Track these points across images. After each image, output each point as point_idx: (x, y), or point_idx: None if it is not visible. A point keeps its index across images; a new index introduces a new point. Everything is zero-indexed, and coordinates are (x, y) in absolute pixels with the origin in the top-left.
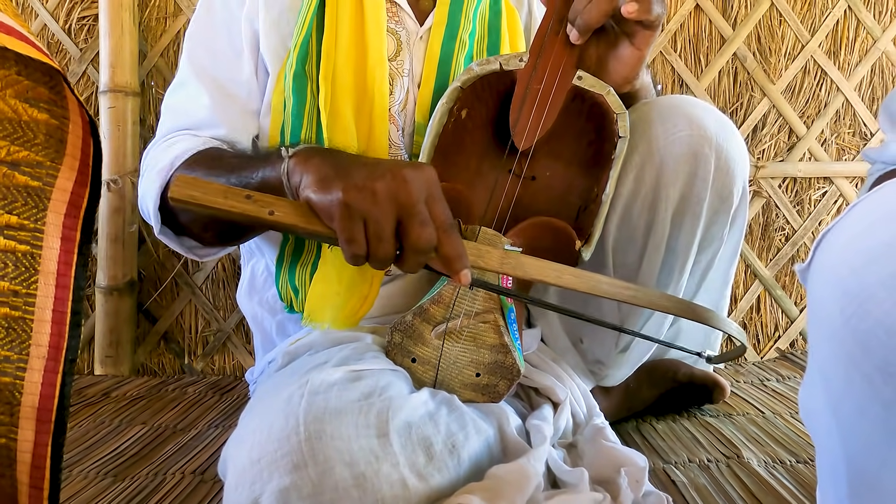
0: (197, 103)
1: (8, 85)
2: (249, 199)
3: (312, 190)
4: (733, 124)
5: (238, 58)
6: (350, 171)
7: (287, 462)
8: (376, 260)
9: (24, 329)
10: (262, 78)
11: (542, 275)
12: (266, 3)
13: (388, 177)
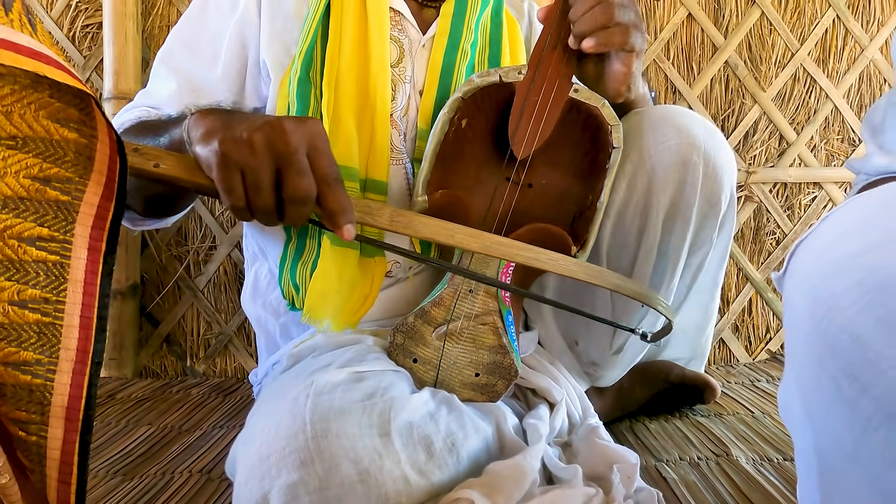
0: (164, 89)
1: (41, 107)
2: (136, 153)
3: (197, 142)
4: (721, 133)
5: (214, 60)
6: (233, 124)
7: (295, 459)
8: (258, 211)
9: (54, 334)
10: (254, 83)
11: (434, 234)
12: (269, 12)
13: (266, 128)
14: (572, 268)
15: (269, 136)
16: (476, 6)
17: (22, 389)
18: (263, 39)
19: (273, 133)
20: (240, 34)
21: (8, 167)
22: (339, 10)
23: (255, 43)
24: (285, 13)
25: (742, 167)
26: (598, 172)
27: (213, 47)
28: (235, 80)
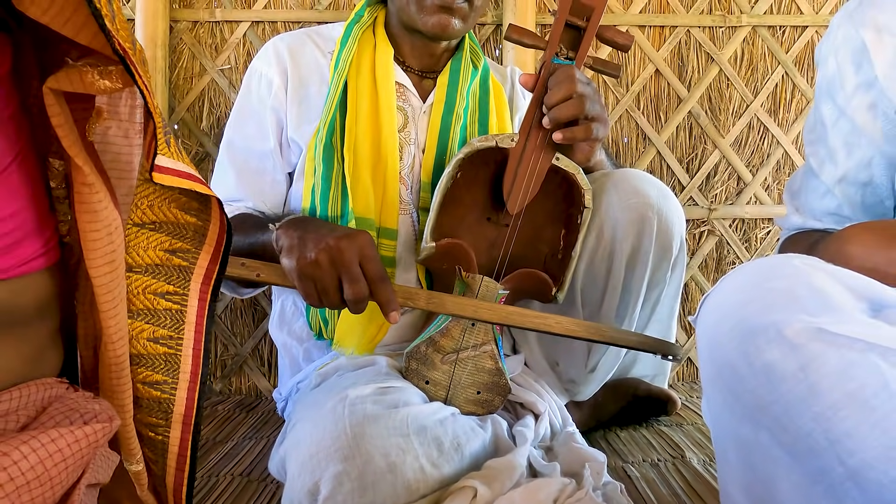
0: (224, 181)
1: (172, 200)
2: (243, 266)
3: (283, 256)
4: (672, 193)
5: (264, 138)
6: (306, 242)
7: (339, 454)
8: (328, 306)
9: (175, 361)
10: (286, 153)
11: (461, 310)
12: (296, 99)
13: (327, 247)
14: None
15: (330, 255)
16: (467, 77)
17: (153, 402)
18: (291, 121)
19: (333, 251)
20: (276, 115)
21: (149, 243)
22: (355, 88)
23: (284, 122)
24: (309, 97)
25: (704, 205)
26: (572, 224)
27: (261, 127)
28: (281, 152)
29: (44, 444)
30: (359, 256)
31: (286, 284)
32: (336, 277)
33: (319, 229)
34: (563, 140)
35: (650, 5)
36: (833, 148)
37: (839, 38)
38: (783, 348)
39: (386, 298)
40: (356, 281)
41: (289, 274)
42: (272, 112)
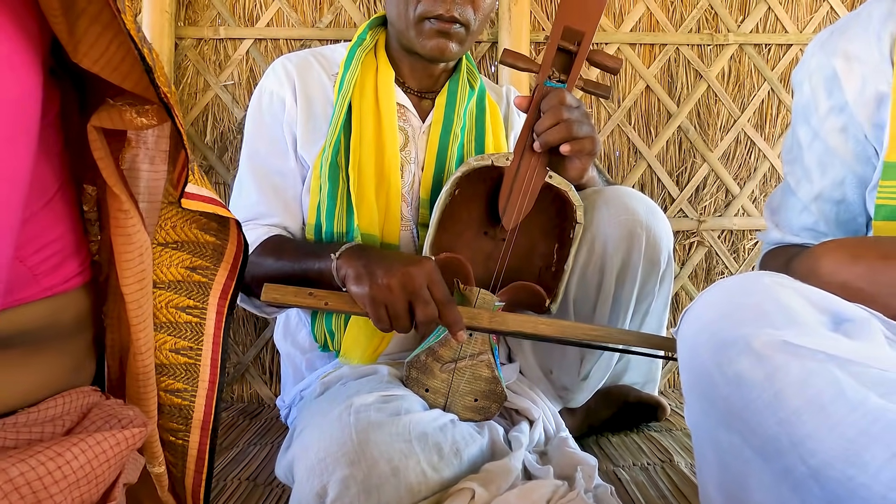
0: (248, 198)
1: (193, 221)
2: (312, 296)
3: (352, 284)
4: (660, 210)
5: (284, 154)
6: (375, 270)
7: (345, 459)
8: (398, 329)
9: (195, 371)
10: (300, 169)
11: (522, 327)
12: (305, 116)
13: (398, 274)
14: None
15: (401, 280)
16: (464, 97)
17: (174, 408)
18: (300, 135)
19: (404, 277)
20: (290, 131)
21: (172, 261)
22: (359, 109)
23: (296, 139)
24: (316, 116)
25: (694, 217)
26: (564, 238)
27: (278, 145)
28: (300, 167)
29: (91, 445)
30: (427, 280)
31: (355, 311)
32: (407, 302)
33: (385, 258)
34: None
35: (640, 24)
36: (808, 168)
37: (812, 66)
38: (751, 359)
39: (453, 320)
40: (427, 304)
41: (359, 300)
42: (287, 128)
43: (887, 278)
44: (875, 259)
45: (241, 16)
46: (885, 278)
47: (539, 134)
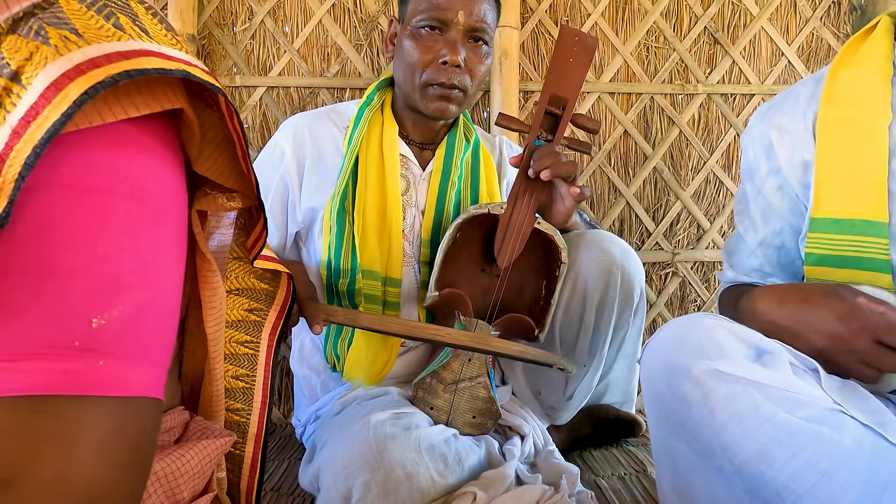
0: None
1: (251, 272)
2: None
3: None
4: (633, 251)
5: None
6: None
7: (367, 466)
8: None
9: (250, 393)
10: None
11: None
12: (314, 169)
13: None
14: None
15: None
16: (461, 148)
17: (234, 424)
18: (307, 188)
19: None
20: (283, 183)
21: (234, 305)
22: (365, 161)
23: (290, 188)
24: (325, 168)
25: (669, 249)
26: (552, 276)
27: (265, 187)
28: (278, 216)
29: (200, 450)
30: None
31: None
32: None
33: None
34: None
35: (619, 75)
36: (754, 218)
37: (755, 133)
38: (692, 383)
39: (310, 314)
40: None
41: None
42: (279, 178)
43: (805, 318)
44: (797, 303)
45: (256, 66)
46: (804, 318)
47: (540, 170)
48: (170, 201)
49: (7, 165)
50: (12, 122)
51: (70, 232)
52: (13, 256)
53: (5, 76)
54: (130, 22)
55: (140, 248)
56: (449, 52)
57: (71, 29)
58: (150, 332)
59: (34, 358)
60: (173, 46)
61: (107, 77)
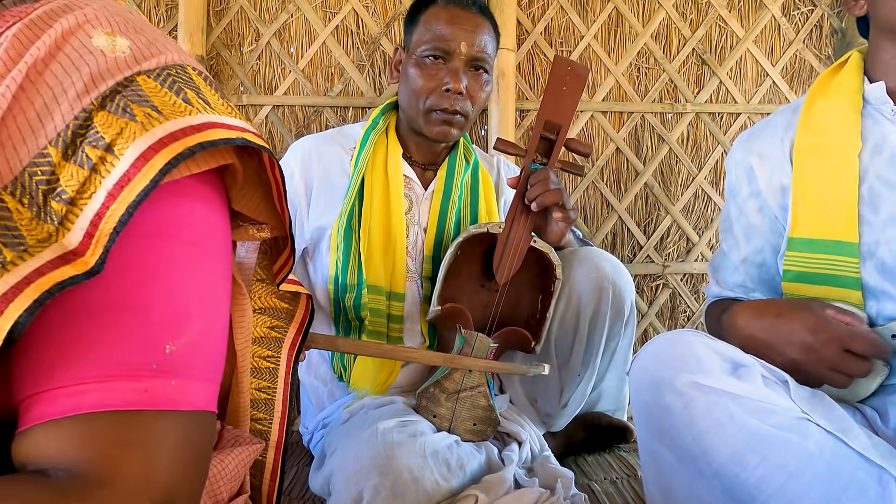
0: None
1: (273, 293)
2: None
3: None
4: (624, 267)
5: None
6: None
7: (376, 470)
8: None
9: (272, 404)
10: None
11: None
12: (323, 190)
13: None
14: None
15: None
16: (461, 169)
17: (256, 433)
18: (317, 207)
19: None
20: (291, 202)
21: (257, 323)
22: (371, 182)
23: (302, 210)
24: (333, 188)
25: (659, 262)
26: (547, 291)
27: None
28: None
29: (236, 455)
30: None
31: None
32: None
33: None
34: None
35: (611, 95)
36: (737, 237)
37: (737, 158)
38: (674, 394)
39: None
40: None
41: None
42: (290, 204)
43: (779, 330)
44: (772, 317)
45: (262, 85)
46: (779, 330)
47: (532, 199)
48: (219, 241)
49: (104, 222)
50: (108, 185)
51: (145, 272)
52: (100, 293)
53: (101, 147)
54: (195, 95)
55: (199, 284)
56: (452, 80)
57: (151, 106)
58: (209, 354)
59: (121, 379)
60: (229, 114)
61: (185, 149)
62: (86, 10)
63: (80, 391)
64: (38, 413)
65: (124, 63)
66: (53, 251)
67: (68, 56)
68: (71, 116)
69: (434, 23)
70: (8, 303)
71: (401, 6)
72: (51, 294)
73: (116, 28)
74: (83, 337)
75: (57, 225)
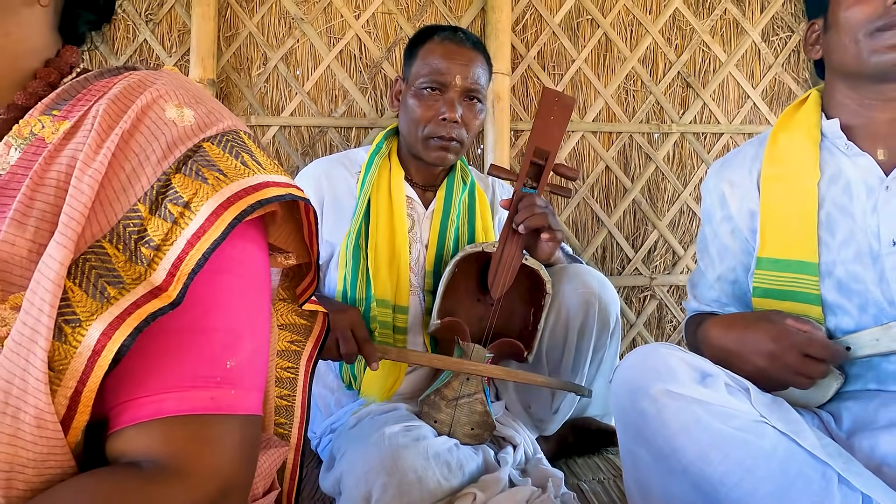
0: None
1: (293, 311)
2: None
3: None
4: (609, 283)
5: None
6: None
7: (384, 471)
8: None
9: (292, 410)
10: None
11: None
12: (334, 210)
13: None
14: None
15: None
16: (459, 189)
17: (279, 436)
18: (327, 226)
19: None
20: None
21: (280, 337)
22: (376, 203)
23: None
24: (342, 209)
25: (647, 274)
26: (538, 305)
27: None
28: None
29: (269, 456)
30: (349, 325)
31: None
32: (334, 339)
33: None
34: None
35: (600, 116)
36: (712, 256)
37: (711, 185)
38: (648, 400)
39: (368, 353)
40: (347, 341)
41: None
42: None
43: (746, 341)
44: (740, 329)
45: (269, 107)
46: (745, 341)
47: (520, 223)
48: (263, 273)
49: (184, 264)
50: (187, 235)
51: (210, 303)
52: (176, 320)
53: (181, 205)
54: (249, 157)
55: (250, 310)
56: (448, 110)
57: (218, 170)
58: (257, 368)
59: (193, 389)
60: (275, 171)
61: (248, 206)
62: (157, 85)
63: (161, 399)
64: (128, 417)
65: (191, 131)
66: (144, 287)
67: (148, 127)
68: (154, 179)
69: (431, 57)
70: (115, 330)
71: (401, 32)
72: (147, 322)
73: (182, 100)
74: (163, 355)
75: (146, 266)
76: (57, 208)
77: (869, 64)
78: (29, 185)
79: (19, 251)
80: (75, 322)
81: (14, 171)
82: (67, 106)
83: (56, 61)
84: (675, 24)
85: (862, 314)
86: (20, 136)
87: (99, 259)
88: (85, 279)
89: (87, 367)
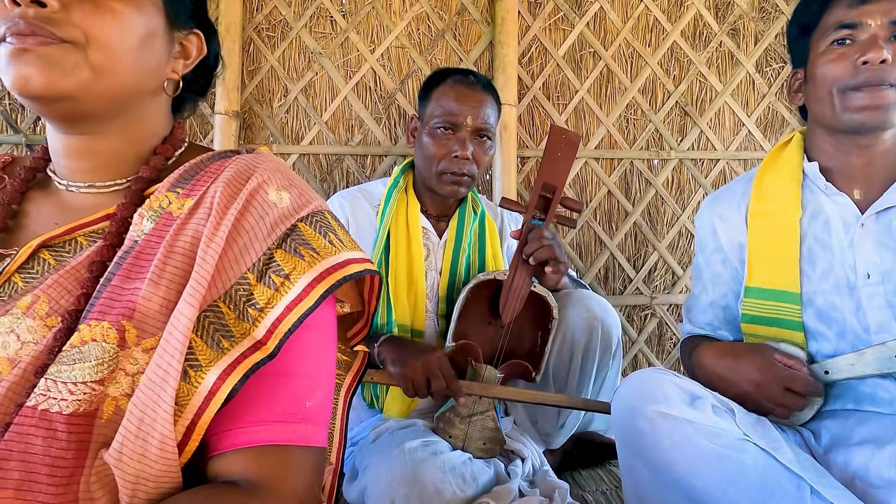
0: None
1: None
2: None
3: (389, 366)
4: (612, 307)
5: None
6: (406, 358)
7: (406, 483)
8: (419, 396)
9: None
10: None
11: (516, 396)
12: (357, 238)
13: (421, 361)
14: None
15: (423, 365)
16: (470, 220)
17: None
18: None
19: (425, 363)
20: None
21: None
22: (395, 233)
23: None
24: (362, 238)
25: (647, 294)
26: (546, 329)
27: None
28: None
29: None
30: (438, 366)
31: (391, 383)
32: (426, 378)
33: (412, 348)
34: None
35: (602, 143)
36: (705, 283)
37: (704, 218)
38: (644, 420)
39: (456, 389)
40: (439, 380)
41: (394, 378)
42: None
43: (735, 369)
44: (731, 358)
45: (290, 135)
46: (735, 369)
47: (529, 255)
48: (333, 327)
49: (282, 324)
50: (286, 301)
51: (296, 353)
52: (269, 366)
53: (282, 276)
54: (334, 236)
55: (323, 358)
56: (460, 148)
57: (311, 248)
58: (326, 407)
59: (280, 423)
60: (354, 248)
61: (335, 282)
62: (261, 170)
63: (254, 430)
64: (227, 443)
65: (288, 212)
66: (249, 341)
67: (256, 209)
68: (261, 253)
69: (444, 99)
70: (228, 375)
71: (414, 65)
72: (253, 371)
73: (280, 184)
74: (257, 394)
75: (250, 324)
76: (183, 272)
77: (841, 120)
78: (162, 251)
79: (153, 306)
80: (197, 367)
81: (149, 239)
82: (189, 185)
83: (171, 139)
84: (674, 56)
85: (840, 340)
86: (151, 209)
87: (216, 316)
88: (205, 332)
89: (203, 403)
